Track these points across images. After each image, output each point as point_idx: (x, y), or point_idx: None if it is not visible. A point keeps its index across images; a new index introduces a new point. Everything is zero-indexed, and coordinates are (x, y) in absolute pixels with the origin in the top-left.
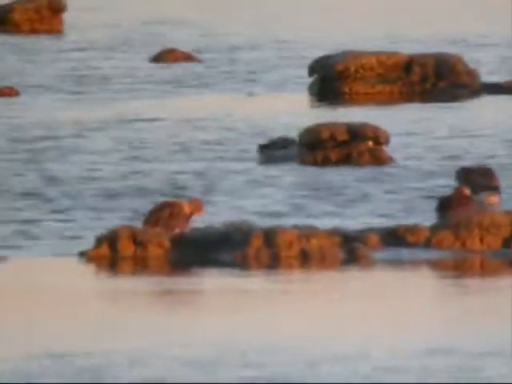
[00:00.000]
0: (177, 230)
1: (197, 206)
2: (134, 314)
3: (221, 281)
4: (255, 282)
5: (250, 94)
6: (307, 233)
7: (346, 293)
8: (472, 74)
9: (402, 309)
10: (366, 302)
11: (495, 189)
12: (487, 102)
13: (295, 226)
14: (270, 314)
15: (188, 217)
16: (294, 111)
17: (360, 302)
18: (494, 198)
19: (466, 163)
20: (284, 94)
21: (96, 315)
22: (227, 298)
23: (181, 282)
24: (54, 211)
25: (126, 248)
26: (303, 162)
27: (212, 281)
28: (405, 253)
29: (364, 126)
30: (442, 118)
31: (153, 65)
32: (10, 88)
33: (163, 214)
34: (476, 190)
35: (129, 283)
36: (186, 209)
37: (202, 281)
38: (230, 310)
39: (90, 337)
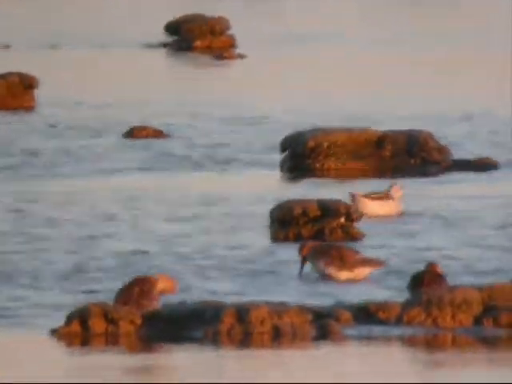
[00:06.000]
0: (147, 308)
1: (169, 283)
2: None
3: (191, 357)
4: (227, 359)
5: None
6: (279, 309)
7: (318, 370)
8: (443, 150)
9: None
10: (338, 379)
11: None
12: (457, 178)
13: (267, 303)
14: None
15: (159, 294)
16: (266, 187)
17: (332, 378)
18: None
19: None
20: (255, 170)
21: None
22: (198, 375)
23: (151, 359)
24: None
25: (98, 325)
26: (275, 237)
27: (182, 357)
28: (376, 329)
29: (336, 202)
30: (411, 194)
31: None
32: None
33: (133, 291)
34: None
35: (100, 360)
36: (157, 285)
37: (172, 357)
38: None
39: None
